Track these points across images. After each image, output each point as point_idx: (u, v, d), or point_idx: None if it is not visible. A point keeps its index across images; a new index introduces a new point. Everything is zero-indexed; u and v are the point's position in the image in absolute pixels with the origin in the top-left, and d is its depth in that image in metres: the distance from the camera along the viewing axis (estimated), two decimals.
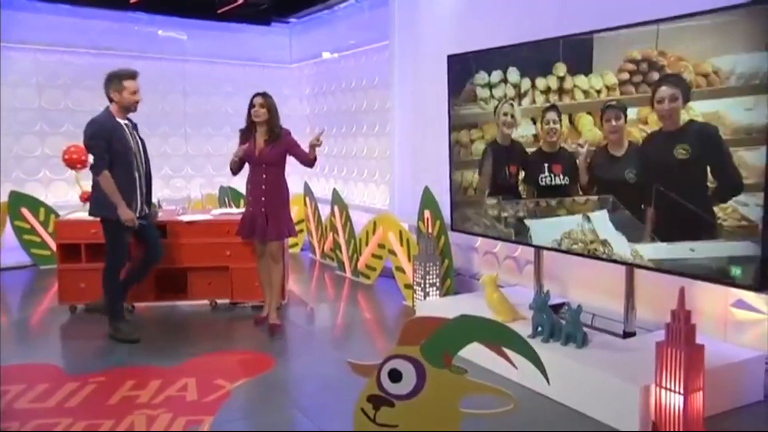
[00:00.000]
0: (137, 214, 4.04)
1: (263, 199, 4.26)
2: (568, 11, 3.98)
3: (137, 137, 4.10)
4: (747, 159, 2.72)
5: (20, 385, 3.36)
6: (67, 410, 3.08)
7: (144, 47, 6.95)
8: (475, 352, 1.91)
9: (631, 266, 3.36)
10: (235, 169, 4.36)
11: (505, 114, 3.90)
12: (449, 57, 4.38)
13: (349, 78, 6.83)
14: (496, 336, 1.80)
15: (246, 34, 7.57)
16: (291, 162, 4.40)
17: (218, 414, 3.04)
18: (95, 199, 4.05)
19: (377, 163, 6.35)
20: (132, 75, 4.00)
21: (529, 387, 3.18)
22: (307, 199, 6.83)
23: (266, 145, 4.23)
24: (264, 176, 4.26)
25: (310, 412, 3.08)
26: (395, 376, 1.79)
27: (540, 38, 3.70)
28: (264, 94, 4.27)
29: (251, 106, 4.25)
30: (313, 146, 4.28)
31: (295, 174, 6.31)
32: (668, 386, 2.67)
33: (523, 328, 3.38)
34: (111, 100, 4.00)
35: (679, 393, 2.64)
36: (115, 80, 3.98)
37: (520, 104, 3.82)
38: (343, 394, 3.25)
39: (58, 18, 6.56)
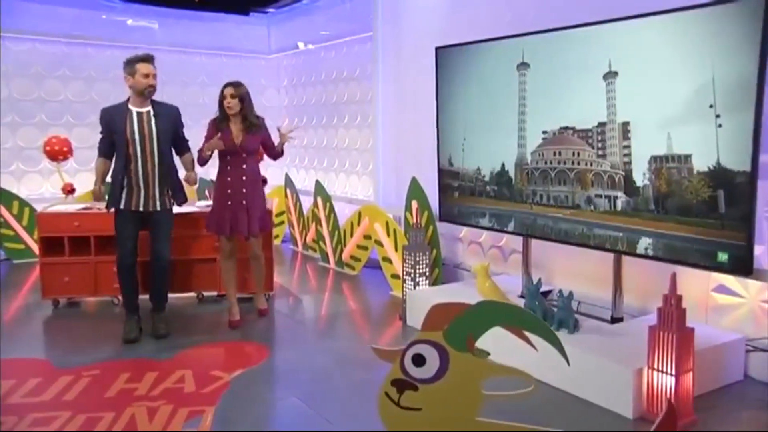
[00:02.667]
0: (141, 208, 3.91)
1: (244, 190, 4.13)
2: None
3: (153, 126, 3.90)
4: None
5: (10, 380, 3.30)
6: (65, 403, 3.04)
7: (114, 36, 6.78)
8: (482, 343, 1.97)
9: (619, 253, 3.49)
10: (203, 163, 4.12)
11: None
12: (437, 49, 4.43)
13: (329, 69, 6.81)
14: (518, 320, 1.86)
15: (223, 23, 7.46)
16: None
17: (219, 404, 3.05)
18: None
19: (359, 154, 6.37)
20: (145, 58, 3.89)
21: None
22: (288, 190, 6.82)
23: (245, 134, 4.12)
24: (244, 167, 4.14)
25: (310, 399, 3.11)
26: (419, 360, 1.84)
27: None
28: (234, 84, 4.12)
29: (222, 97, 4.11)
30: (282, 139, 4.24)
31: (275, 165, 6.29)
32: (660, 368, 2.79)
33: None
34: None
35: (671, 374, 2.76)
36: (128, 64, 3.88)
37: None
38: (339, 382, 3.33)
39: (28, 5, 6.35)
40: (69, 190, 5.28)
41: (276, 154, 4.34)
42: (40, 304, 4.67)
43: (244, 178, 4.14)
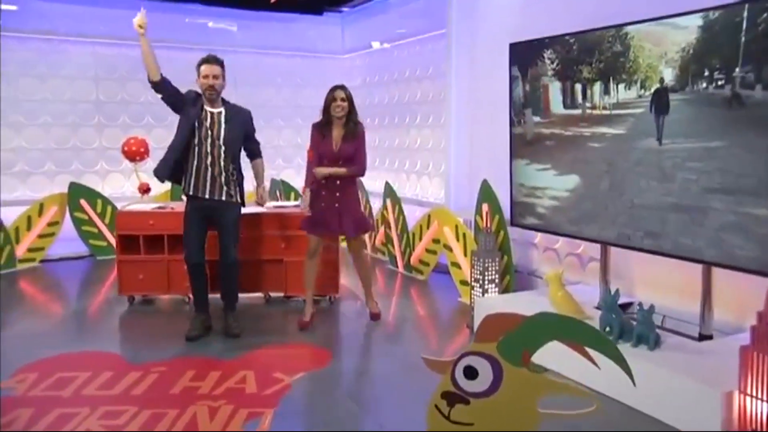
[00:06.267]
0: (207, 195, 4.03)
1: (338, 194, 4.23)
2: None
3: (222, 131, 4.03)
4: None
5: (87, 372, 3.52)
6: (133, 398, 3.20)
7: (194, 39, 7.10)
8: (542, 355, 1.90)
9: (708, 264, 3.27)
10: (310, 183, 4.27)
11: None
12: (512, 45, 4.33)
13: (402, 68, 6.83)
14: (579, 335, 1.78)
15: (297, 24, 7.65)
16: None
17: (279, 407, 3.11)
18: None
19: (431, 155, 6.34)
20: (207, 59, 4.05)
21: (598, 390, 3.12)
22: (359, 192, 6.87)
23: (344, 141, 4.20)
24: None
25: (371, 407, 3.11)
26: (471, 373, 1.80)
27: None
28: (343, 87, 4.23)
29: (332, 99, 4.18)
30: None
31: None
32: (753, 393, 2.59)
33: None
34: None
35: (766, 401, 2.55)
36: (196, 67, 4.06)
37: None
38: (402, 391, 3.30)
39: (114, 11, 6.77)
40: (145, 189, 5.59)
41: (357, 170, 4.33)
42: (117, 301, 4.95)
43: (338, 182, 4.24)
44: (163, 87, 4.05)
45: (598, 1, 4.10)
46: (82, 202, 6.45)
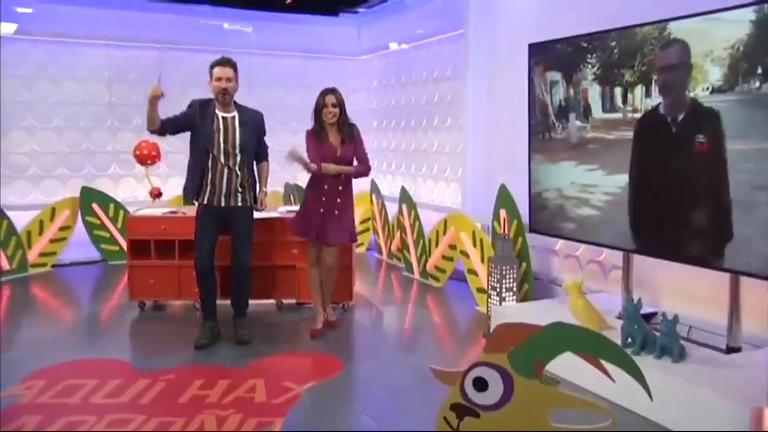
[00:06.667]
0: (222, 204, 4.07)
1: (339, 200, 4.22)
2: None
3: (237, 135, 4.05)
4: None
5: (94, 380, 3.55)
6: (140, 407, 3.22)
7: (208, 40, 7.18)
8: (558, 363, 1.88)
9: (736, 273, 3.20)
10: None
11: None
12: (530, 46, 4.30)
13: (419, 69, 6.83)
14: (593, 346, 1.75)
15: (312, 25, 7.69)
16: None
17: (288, 416, 3.11)
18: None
19: (448, 158, 6.32)
20: (221, 61, 4.05)
21: (619, 403, 3.08)
22: (374, 196, 6.89)
23: (343, 145, 4.21)
24: (342, 176, 4.22)
25: (381, 419, 3.10)
26: (481, 384, 1.78)
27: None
28: (334, 91, 4.19)
29: (323, 105, 4.16)
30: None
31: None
32: None
33: (611, 339, 3.28)
34: None
35: None
36: (209, 68, 4.07)
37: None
38: (415, 402, 3.28)
39: (126, 12, 6.88)
40: (156, 194, 5.65)
41: (365, 171, 4.35)
42: (128, 306, 5.00)
43: (340, 187, 4.23)
44: (163, 130, 4.08)
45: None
46: (95, 206, 6.53)
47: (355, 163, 4.32)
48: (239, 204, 4.13)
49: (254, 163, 4.30)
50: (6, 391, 3.37)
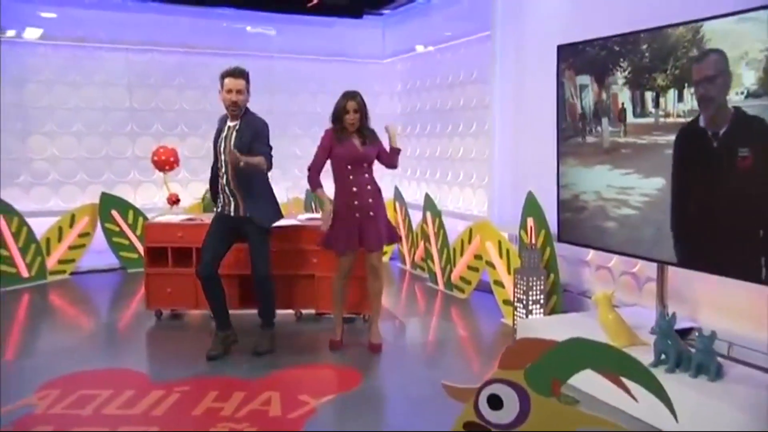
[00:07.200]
0: (232, 214, 4.15)
1: (371, 201, 4.18)
2: None
3: (231, 142, 4.05)
4: None
5: (109, 390, 3.61)
6: (153, 419, 3.27)
7: (231, 44, 7.28)
8: (585, 379, 1.85)
9: None
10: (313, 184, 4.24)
11: None
12: (559, 47, 4.27)
13: (445, 72, 6.83)
14: (614, 364, 1.72)
15: (336, 28, 7.76)
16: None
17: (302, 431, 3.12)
18: None
19: (474, 165, 6.30)
20: (231, 72, 4.06)
21: (650, 423, 3.02)
22: (397, 204, 6.89)
23: (364, 145, 4.20)
24: (367, 176, 4.21)
25: None
26: (495, 402, 1.76)
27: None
28: (355, 96, 4.16)
29: (344, 111, 4.14)
30: (392, 141, 4.28)
31: (386, 174, 6.39)
32: None
33: (644, 355, 3.24)
34: None
35: None
36: (220, 79, 4.11)
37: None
38: (436, 418, 3.25)
39: (148, 16, 7.02)
40: (174, 200, 5.73)
41: (393, 161, 4.36)
42: (146, 315, 5.08)
43: (369, 187, 4.20)
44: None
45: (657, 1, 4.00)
46: (114, 212, 6.66)
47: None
48: (247, 215, 4.15)
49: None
50: (20, 402, 3.44)
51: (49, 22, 6.67)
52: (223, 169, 4.13)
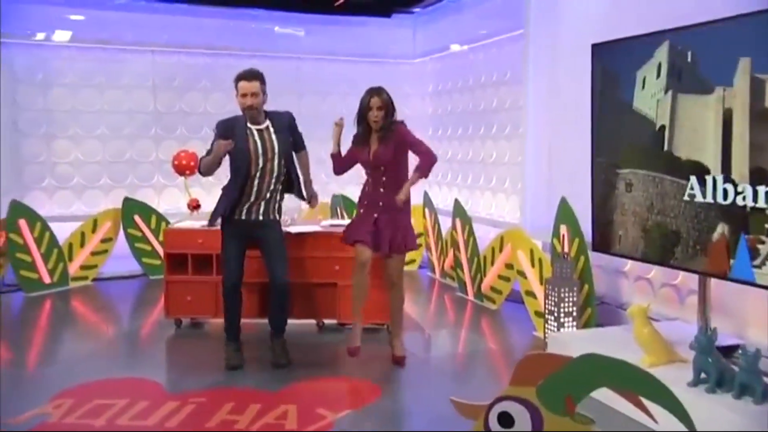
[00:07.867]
0: (243, 217, 4.16)
1: (381, 204, 4.15)
2: None
3: (275, 144, 4.14)
4: None
5: (124, 399, 3.68)
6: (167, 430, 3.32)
7: (258, 45, 7.36)
8: (606, 392, 1.81)
9: None
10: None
11: None
12: (594, 46, 4.22)
13: (477, 73, 6.80)
14: (632, 382, 1.68)
15: (365, 27, 7.79)
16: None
17: None
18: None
19: (507, 169, 6.25)
20: (245, 75, 4.10)
21: None
22: (427, 210, 6.87)
23: (377, 145, 4.13)
24: (384, 179, 4.12)
25: None
26: (506, 420, 1.74)
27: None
28: (379, 91, 4.08)
29: (368, 108, 4.06)
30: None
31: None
32: None
33: (683, 373, 3.17)
34: None
35: None
36: (234, 82, 4.16)
37: None
38: None
39: (174, 18, 7.16)
40: (195, 205, 5.82)
41: (428, 157, 4.13)
42: (166, 324, 5.15)
43: (381, 190, 4.15)
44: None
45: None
46: (136, 218, 6.79)
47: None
48: (270, 217, 4.22)
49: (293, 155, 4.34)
50: (35, 410, 3.53)
51: (76, 24, 6.85)
52: (258, 174, 4.10)
